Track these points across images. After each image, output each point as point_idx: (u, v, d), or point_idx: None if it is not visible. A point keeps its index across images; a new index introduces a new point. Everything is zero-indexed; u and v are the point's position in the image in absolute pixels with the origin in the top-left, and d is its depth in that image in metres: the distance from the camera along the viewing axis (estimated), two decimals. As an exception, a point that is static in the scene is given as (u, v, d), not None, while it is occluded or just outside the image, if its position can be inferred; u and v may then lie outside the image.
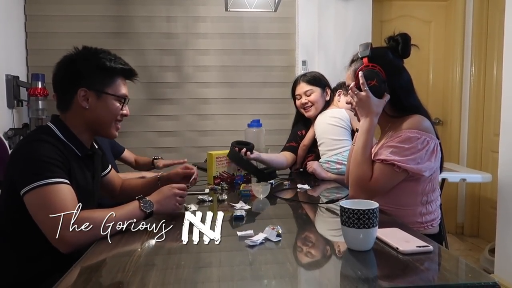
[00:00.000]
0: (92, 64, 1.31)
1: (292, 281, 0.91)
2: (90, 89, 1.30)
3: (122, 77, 1.37)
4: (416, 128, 1.35)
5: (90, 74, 1.30)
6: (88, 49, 1.35)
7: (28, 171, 1.16)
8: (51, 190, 1.14)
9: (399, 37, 1.43)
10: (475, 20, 3.48)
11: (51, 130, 1.29)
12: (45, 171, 1.16)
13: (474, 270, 0.92)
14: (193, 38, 3.18)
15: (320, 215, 1.46)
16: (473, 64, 3.53)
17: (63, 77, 1.32)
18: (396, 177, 1.35)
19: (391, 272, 0.94)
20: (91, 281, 0.89)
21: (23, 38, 3.03)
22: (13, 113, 2.82)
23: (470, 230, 3.65)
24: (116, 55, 1.37)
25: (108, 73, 1.33)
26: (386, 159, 1.33)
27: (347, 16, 3.19)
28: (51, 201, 1.13)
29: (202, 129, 3.25)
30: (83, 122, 1.32)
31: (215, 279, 0.91)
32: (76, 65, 1.31)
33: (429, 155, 1.34)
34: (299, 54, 3.20)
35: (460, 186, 3.66)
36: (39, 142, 1.21)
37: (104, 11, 3.10)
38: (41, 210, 1.13)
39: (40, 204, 1.13)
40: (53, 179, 1.15)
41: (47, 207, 1.11)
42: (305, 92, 2.21)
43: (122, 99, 1.36)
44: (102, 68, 1.31)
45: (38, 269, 1.23)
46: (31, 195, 1.14)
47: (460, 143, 3.64)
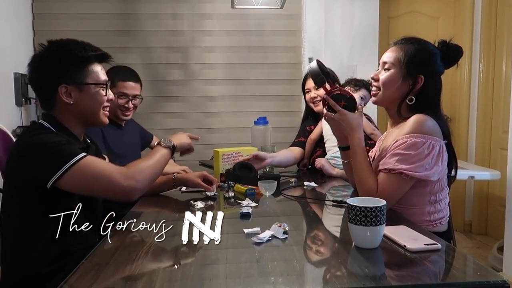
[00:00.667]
0: (64, 58, 1.29)
1: (299, 278, 0.91)
2: (70, 84, 1.28)
3: (97, 62, 1.35)
4: (420, 132, 1.31)
5: (65, 69, 1.28)
6: (55, 43, 1.33)
7: (49, 161, 1.17)
8: (85, 164, 1.19)
9: (450, 46, 1.41)
10: (483, 16, 3.44)
11: (44, 126, 1.28)
12: (66, 153, 1.18)
13: (483, 268, 0.91)
14: (199, 36, 3.18)
15: (327, 213, 1.46)
16: (481, 60, 3.49)
17: (39, 77, 1.30)
18: (404, 185, 1.32)
19: (398, 270, 0.93)
20: (98, 277, 0.89)
21: (31, 37, 3.05)
22: (21, 110, 2.84)
23: (478, 228, 3.62)
24: (84, 42, 1.35)
25: (83, 63, 1.31)
26: (393, 169, 1.30)
27: (354, 13, 3.17)
28: (93, 171, 1.19)
29: (209, 127, 3.26)
30: (72, 116, 1.32)
31: (222, 276, 0.91)
32: (48, 63, 1.29)
33: (436, 159, 1.30)
34: (305, 51, 3.19)
35: (468, 184, 3.64)
36: (41, 134, 1.22)
37: (110, 9, 3.11)
38: (88, 184, 1.20)
39: (86, 180, 1.19)
40: (78, 156, 1.19)
41: (93, 178, 1.19)
42: (314, 86, 2.17)
43: (104, 85, 1.35)
44: (75, 60, 1.29)
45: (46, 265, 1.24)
46: (66, 179, 1.17)
47: (469, 140, 3.61)
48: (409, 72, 1.38)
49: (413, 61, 1.38)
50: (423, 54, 1.39)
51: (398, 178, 1.30)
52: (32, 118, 2.92)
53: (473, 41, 3.52)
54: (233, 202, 1.56)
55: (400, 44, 1.43)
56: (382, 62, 1.44)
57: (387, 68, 1.41)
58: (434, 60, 1.40)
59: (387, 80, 1.41)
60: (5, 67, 2.67)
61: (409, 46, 1.40)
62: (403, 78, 1.39)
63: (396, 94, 1.41)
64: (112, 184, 1.21)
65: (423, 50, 1.40)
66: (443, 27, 3.61)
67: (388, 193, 1.31)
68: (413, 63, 1.38)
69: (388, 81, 1.41)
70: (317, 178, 1.96)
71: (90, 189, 1.22)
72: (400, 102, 1.42)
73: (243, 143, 2.58)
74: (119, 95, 1.95)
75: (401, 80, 1.39)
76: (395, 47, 1.43)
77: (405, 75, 1.39)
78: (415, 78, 1.38)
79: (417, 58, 1.38)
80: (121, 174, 1.23)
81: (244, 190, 1.66)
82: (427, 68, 1.39)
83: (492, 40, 3.42)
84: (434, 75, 1.40)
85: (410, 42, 1.41)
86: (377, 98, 1.45)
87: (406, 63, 1.38)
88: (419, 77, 1.38)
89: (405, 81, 1.39)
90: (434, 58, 1.40)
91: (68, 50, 1.30)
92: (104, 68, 1.39)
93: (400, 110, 1.42)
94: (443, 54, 1.41)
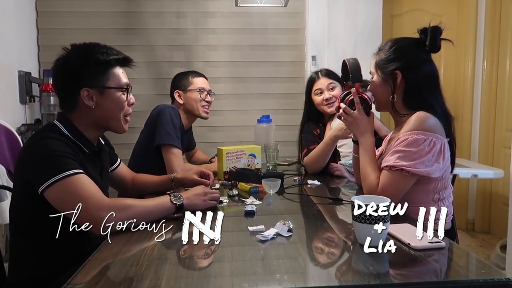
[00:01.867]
0: (86, 62, 1.30)
1: (304, 276, 0.92)
2: (92, 87, 1.30)
3: (119, 66, 1.36)
4: (421, 129, 1.31)
5: (87, 72, 1.30)
6: (78, 47, 1.34)
7: (43, 168, 1.17)
8: (72, 182, 1.16)
9: (428, 29, 1.41)
10: (487, 13, 3.43)
11: (58, 127, 1.30)
12: (61, 165, 1.17)
13: (487, 266, 0.91)
14: (203, 34, 3.18)
15: (331, 211, 1.46)
16: (485, 58, 3.48)
17: (64, 81, 1.32)
18: (406, 182, 1.32)
19: (402, 268, 0.94)
20: (105, 274, 0.90)
21: (35, 35, 3.06)
22: (26, 108, 2.85)
23: (481, 227, 3.62)
24: (106, 46, 1.36)
25: (105, 67, 1.32)
26: (394, 165, 1.31)
27: (357, 11, 3.17)
28: (75, 191, 1.14)
29: (212, 125, 3.25)
30: (90, 120, 1.33)
31: (227, 273, 0.92)
32: (71, 67, 1.30)
33: (436, 156, 1.31)
34: (308, 49, 3.19)
35: (471, 182, 3.63)
36: (48, 139, 1.22)
37: (114, 7, 3.11)
38: (67, 202, 1.12)
39: (65, 196, 1.14)
40: (70, 171, 1.17)
41: (73, 198, 1.12)
42: (327, 86, 2.11)
43: (125, 89, 1.36)
44: (97, 63, 1.30)
45: (53, 264, 1.25)
46: (52, 191, 1.15)
47: (472, 139, 3.60)
48: (385, 72, 1.42)
49: (386, 60, 1.43)
50: (395, 50, 1.43)
51: (399, 175, 1.31)
52: (36, 116, 2.93)
53: (476, 39, 3.51)
54: (237, 200, 1.57)
55: (377, 52, 1.48)
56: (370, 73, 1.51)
57: (372, 77, 1.49)
58: (409, 51, 1.42)
59: (372, 88, 1.49)
60: (9, 65, 2.68)
61: (384, 48, 1.45)
62: (382, 80, 1.44)
63: (384, 97, 1.45)
64: (83, 209, 1.09)
65: (394, 46, 1.44)
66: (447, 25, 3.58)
67: (389, 190, 1.32)
68: (385, 62, 1.43)
69: (373, 88, 1.48)
70: (320, 177, 1.95)
71: (64, 207, 1.10)
72: (392, 103, 1.44)
73: (246, 141, 2.58)
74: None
75: (381, 82, 1.44)
76: (374, 55, 1.49)
77: (384, 77, 1.43)
78: (393, 76, 1.41)
79: (389, 56, 1.42)
80: (98, 202, 1.14)
81: (248, 188, 1.67)
82: (401, 61, 1.41)
83: (496, 38, 3.41)
84: (412, 65, 1.41)
85: (385, 44, 1.47)
86: (375, 106, 1.53)
87: (381, 65, 1.44)
88: (395, 73, 1.41)
89: (385, 82, 1.43)
90: (408, 49, 1.42)
91: (91, 54, 1.31)
92: (125, 73, 1.39)
93: (396, 110, 1.44)
94: (422, 41, 1.42)
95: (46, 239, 1.23)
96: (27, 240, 1.27)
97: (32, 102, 2.88)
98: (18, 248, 1.29)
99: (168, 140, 1.88)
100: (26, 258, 1.26)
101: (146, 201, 1.27)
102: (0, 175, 1.89)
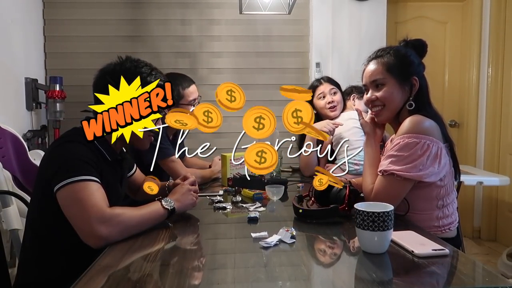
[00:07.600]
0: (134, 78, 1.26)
1: (307, 283, 0.91)
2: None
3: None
4: (414, 132, 1.30)
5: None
6: (131, 61, 1.36)
7: (62, 169, 1.19)
8: (83, 187, 1.17)
9: (415, 42, 1.45)
10: (492, 20, 3.43)
11: (83, 132, 1.29)
12: (80, 169, 1.19)
13: (492, 274, 0.91)
14: (208, 41, 3.21)
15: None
16: (490, 65, 3.47)
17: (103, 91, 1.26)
18: (399, 187, 1.31)
19: (406, 275, 0.93)
20: (108, 280, 0.90)
21: (42, 42, 3.10)
22: (32, 115, 2.88)
23: (487, 234, 3.59)
24: (152, 66, 1.40)
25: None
26: (386, 170, 1.31)
27: (361, 18, 3.18)
28: (83, 196, 1.15)
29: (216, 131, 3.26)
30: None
31: (230, 280, 0.92)
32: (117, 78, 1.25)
33: (432, 159, 1.29)
34: (313, 56, 3.20)
35: (476, 189, 3.60)
36: (73, 143, 1.25)
37: (119, 15, 3.15)
38: (72, 205, 1.16)
39: (72, 199, 1.16)
40: (86, 176, 1.18)
41: (79, 202, 1.15)
42: (330, 91, 2.21)
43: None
44: (144, 83, 1.26)
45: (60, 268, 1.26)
46: (63, 191, 1.17)
47: (477, 146, 3.58)
48: (403, 78, 1.41)
49: (401, 66, 1.41)
50: (404, 57, 1.42)
51: (391, 179, 1.31)
52: (42, 123, 2.96)
53: (481, 45, 3.50)
54: (241, 206, 1.57)
55: (376, 59, 1.45)
56: (370, 83, 1.46)
57: (380, 83, 1.43)
58: (414, 59, 1.43)
59: (387, 95, 1.42)
60: (16, 72, 2.71)
61: (387, 56, 1.43)
62: (400, 86, 1.41)
63: (398, 102, 1.42)
64: (85, 217, 1.13)
65: (401, 53, 1.43)
66: (451, 32, 3.60)
67: (382, 194, 1.32)
68: (402, 68, 1.41)
69: (388, 95, 1.42)
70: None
71: (67, 210, 1.17)
72: (399, 111, 1.44)
73: (250, 148, 2.57)
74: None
75: (399, 89, 1.41)
76: (373, 63, 1.45)
77: (401, 83, 1.41)
78: (410, 82, 1.41)
79: (402, 62, 1.42)
80: (99, 213, 1.14)
81: (252, 195, 1.67)
82: (415, 67, 1.42)
83: (500, 44, 3.40)
84: (421, 72, 1.44)
85: (384, 52, 1.45)
86: (383, 116, 1.46)
87: (397, 71, 1.41)
88: (413, 79, 1.41)
89: (403, 88, 1.42)
90: (413, 57, 1.43)
91: (140, 72, 1.33)
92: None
93: (399, 117, 1.43)
94: (418, 49, 1.45)
95: (51, 245, 1.25)
96: (32, 245, 1.28)
97: (38, 108, 2.91)
98: (24, 252, 1.30)
99: (162, 156, 1.89)
100: (32, 263, 1.27)
101: (140, 210, 1.25)
102: (6, 181, 1.90)
